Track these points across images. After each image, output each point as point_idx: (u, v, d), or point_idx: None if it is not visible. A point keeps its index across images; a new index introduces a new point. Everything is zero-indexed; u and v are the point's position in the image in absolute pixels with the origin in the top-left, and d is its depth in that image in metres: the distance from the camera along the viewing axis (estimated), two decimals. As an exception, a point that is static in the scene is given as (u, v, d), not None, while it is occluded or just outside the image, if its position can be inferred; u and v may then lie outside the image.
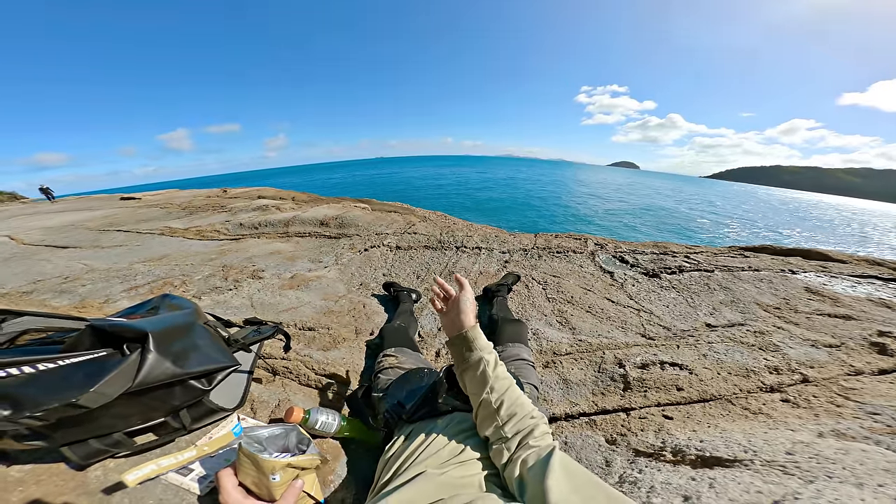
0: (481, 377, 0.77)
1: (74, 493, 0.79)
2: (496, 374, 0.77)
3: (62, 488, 0.80)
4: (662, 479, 0.89)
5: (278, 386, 1.28)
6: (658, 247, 2.86)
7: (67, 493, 0.79)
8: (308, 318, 1.87)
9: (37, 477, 0.81)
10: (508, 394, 0.74)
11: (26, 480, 0.80)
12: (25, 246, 3.77)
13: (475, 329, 0.82)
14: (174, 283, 2.35)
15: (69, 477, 0.82)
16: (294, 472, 0.70)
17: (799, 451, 0.92)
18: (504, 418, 0.70)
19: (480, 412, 0.75)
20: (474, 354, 0.80)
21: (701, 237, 25.28)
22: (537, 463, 0.58)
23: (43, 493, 0.78)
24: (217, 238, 3.70)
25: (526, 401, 0.74)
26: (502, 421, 0.70)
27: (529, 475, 0.57)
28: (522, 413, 0.71)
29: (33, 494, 0.77)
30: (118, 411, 0.82)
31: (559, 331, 1.77)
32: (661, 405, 1.22)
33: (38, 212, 7.23)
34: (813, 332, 1.60)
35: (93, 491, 0.79)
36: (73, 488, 0.80)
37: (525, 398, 0.75)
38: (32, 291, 2.32)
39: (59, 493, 0.79)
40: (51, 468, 0.83)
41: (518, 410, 0.71)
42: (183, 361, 0.89)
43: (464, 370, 0.82)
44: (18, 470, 0.82)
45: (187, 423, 0.92)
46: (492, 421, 0.72)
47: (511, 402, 0.72)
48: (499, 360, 0.80)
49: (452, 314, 0.85)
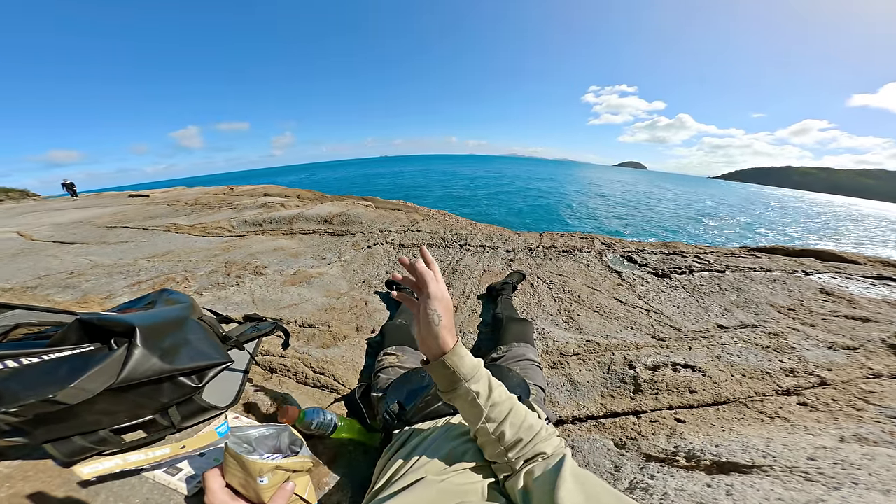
0: (473, 408, 0.65)
1: (61, 489, 0.78)
2: (491, 402, 0.65)
3: (49, 485, 0.78)
4: (676, 486, 0.85)
5: (275, 384, 1.26)
6: (667, 247, 2.80)
7: (55, 490, 0.78)
8: (309, 314, 1.84)
9: (24, 473, 0.80)
10: (510, 420, 0.64)
11: (14, 476, 0.79)
12: (34, 242, 3.81)
13: (454, 355, 0.64)
14: (176, 279, 2.34)
15: (56, 473, 0.81)
16: (284, 474, 0.67)
17: (822, 457, 0.88)
18: (508, 446, 0.62)
19: (479, 437, 0.66)
20: (460, 387, 0.64)
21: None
22: (545, 473, 0.54)
23: (30, 490, 0.77)
24: (222, 235, 3.70)
25: (532, 422, 0.65)
26: (506, 448, 0.62)
27: (535, 485, 0.53)
28: (528, 438, 0.63)
29: (21, 490, 0.76)
30: (103, 407, 0.80)
31: (566, 331, 1.73)
32: (673, 408, 1.17)
33: (48, 208, 7.33)
34: (829, 334, 1.54)
35: (79, 487, 0.78)
36: (59, 485, 0.79)
37: (531, 418, 0.66)
38: (37, 286, 2.32)
39: (45, 488, 0.78)
40: (37, 465, 0.82)
41: (523, 436, 0.62)
42: (172, 357, 0.87)
43: (451, 399, 0.67)
44: (6, 466, 0.81)
45: (177, 421, 0.90)
46: (494, 448, 0.64)
47: (514, 429, 0.63)
48: (492, 382, 0.67)
49: (423, 331, 0.65)
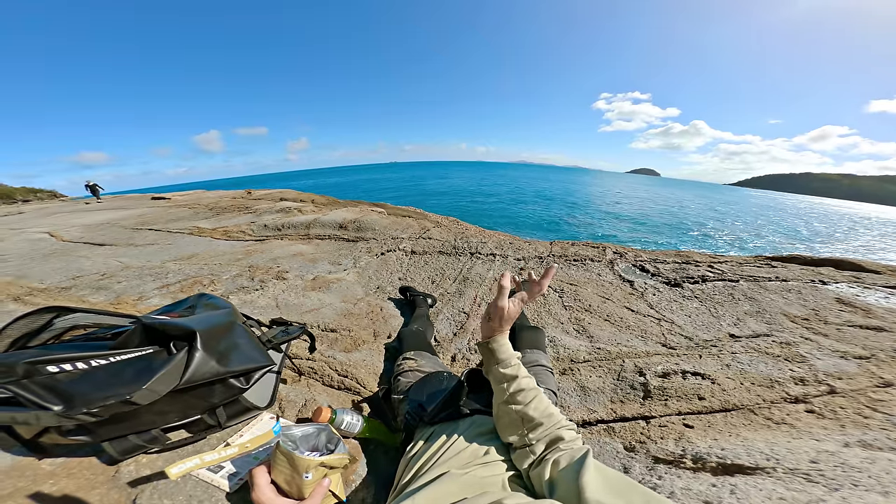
0: (499, 386, 0.78)
1: (105, 486, 0.81)
2: (517, 386, 0.76)
3: (93, 482, 0.81)
4: (682, 486, 0.89)
5: (304, 386, 1.33)
6: (680, 256, 2.81)
7: (99, 487, 0.80)
8: (330, 319, 1.92)
9: (69, 470, 0.83)
10: (533, 404, 0.73)
11: (57, 473, 0.82)
12: (65, 242, 3.95)
13: (495, 342, 0.82)
14: (203, 283, 2.45)
15: (100, 471, 0.84)
16: (324, 470, 0.72)
17: (823, 460, 0.91)
18: (529, 427, 0.70)
19: (502, 418, 0.75)
20: (495, 368, 0.80)
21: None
22: (571, 464, 0.58)
23: (75, 487, 0.80)
24: (243, 239, 3.82)
25: (554, 411, 0.74)
26: (527, 429, 0.70)
27: (561, 475, 0.58)
28: (550, 423, 0.71)
29: (65, 488, 0.79)
30: (160, 408, 0.84)
31: (576, 338, 1.76)
32: (681, 414, 1.21)
33: (77, 209, 7.59)
34: (843, 344, 1.55)
35: (122, 485, 0.81)
36: (103, 482, 0.82)
37: (553, 408, 0.75)
38: (71, 287, 2.42)
39: (90, 486, 0.80)
40: (82, 462, 0.85)
41: (545, 421, 0.71)
42: (226, 360, 0.92)
43: (487, 374, 0.84)
44: (50, 463, 0.84)
45: (222, 421, 0.95)
46: (515, 428, 0.72)
47: (537, 412, 0.72)
48: (522, 371, 0.79)
49: (492, 319, 0.82)
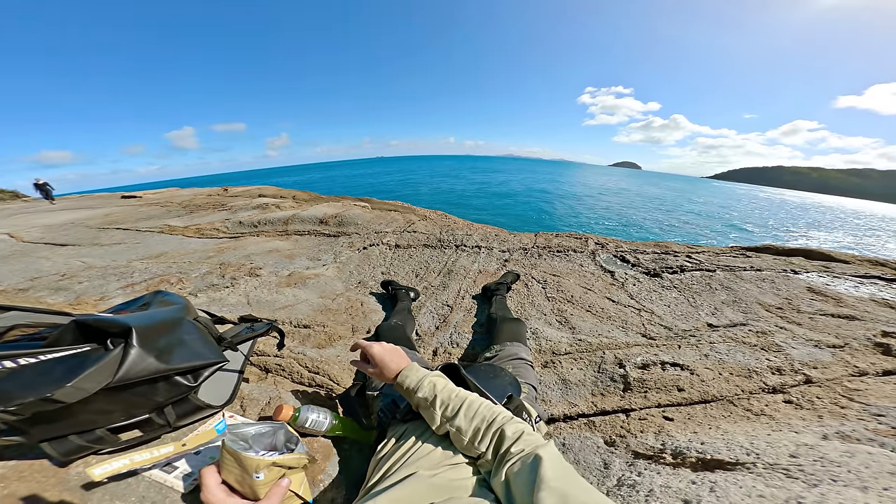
0: (427, 412, 0.78)
1: (56, 489, 0.78)
2: (440, 403, 0.76)
3: (44, 484, 0.79)
4: (662, 483, 0.87)
5: (270, 384, 1.27)
6: (659, 246, 2.84)
7: (49, 490, 0.78)
8: (304, 315, 1.85)
9: (19, 473, 0.80)
10: (463, 413, 0.73)
11: (8, 476, 0.79)
12: (25, 243, 3.75)
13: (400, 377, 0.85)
14: (171, 281, 2.34)
15: (51, 473, 0.81)
16: (280, 470, 0.68)
17: (803, 454, 0.90)
18: (470, 437, 0.69)
19: (452, 438, 0.74)
20: (413, 397, 0.81)
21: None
22: (523, 473, 0.56)
23: (26, 490, 0.77)
24: (216, 236, 3.68)
25: (485, 412, 0.73)
26: (469, 440, 0.69)
27: (515, 484, 0.56)
28: (484, 426, 0.69)
29: (16, 491, 0.76)
30: (99, 407, 0.80)
31: (558, 330, 1.75)
32: (661, 406, 1.20)
33: (39, 210, 7.24)
34: (816, 333, 1.57)
35: (74, 487, 0.78)
36: (54, 484, 0.79)
37: (485, 408, 0.74)
38: (29, 289, 2.30)
39: (41, 489, 0.78)
40: (33, 465, 0.82)
41: (479, 425, 0.70)
42: (167, 357, 0.87)
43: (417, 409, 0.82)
44: (2, 466, 0.81)
45: (172, 420, 0.91)
46: (461, 443, 0.70)
47: (468, 421, 0.71)
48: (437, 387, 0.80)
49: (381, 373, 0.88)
